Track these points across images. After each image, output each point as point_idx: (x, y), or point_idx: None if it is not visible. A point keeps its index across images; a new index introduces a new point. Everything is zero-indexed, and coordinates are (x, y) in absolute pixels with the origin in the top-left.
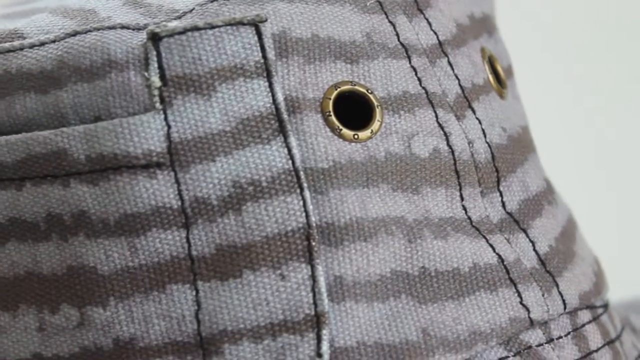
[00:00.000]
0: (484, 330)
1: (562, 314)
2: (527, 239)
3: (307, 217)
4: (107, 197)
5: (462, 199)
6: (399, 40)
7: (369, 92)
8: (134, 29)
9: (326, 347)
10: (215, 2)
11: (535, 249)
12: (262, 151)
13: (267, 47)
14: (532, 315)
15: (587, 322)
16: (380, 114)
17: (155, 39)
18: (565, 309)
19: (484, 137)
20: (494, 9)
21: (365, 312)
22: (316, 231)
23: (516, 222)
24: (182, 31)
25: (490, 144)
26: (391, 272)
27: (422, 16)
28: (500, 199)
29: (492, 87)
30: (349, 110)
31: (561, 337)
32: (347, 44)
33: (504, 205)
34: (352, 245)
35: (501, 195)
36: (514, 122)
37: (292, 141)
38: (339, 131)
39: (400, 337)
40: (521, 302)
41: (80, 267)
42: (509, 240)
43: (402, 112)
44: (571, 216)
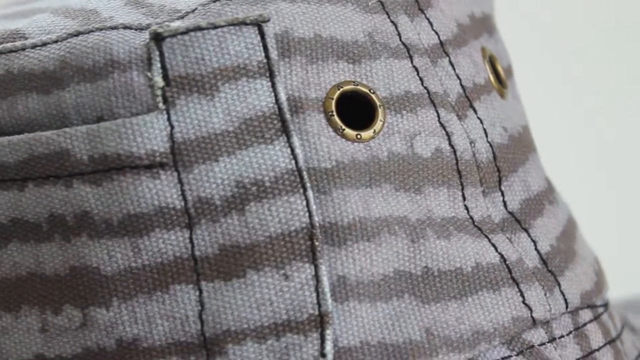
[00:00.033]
0: (487, 329)
1: (563, 313)
2: (529, 239)
3: (311, 217)
4: (110, 198)
5: (464, 199)
6: (401, 40)
7: (372, 92)
8: (136, 29)
9: (330, 347)
10: (217, 2)
11: (537, 249)
12: (265, 151)
13: (269, 47)
14: (534, 314)
15: (588, 321)
16: (382, 114)
17: (158, 39)
18: (567, 308)
19: (486, 136)
20: (493, 9)
21: (368, 312)
22: (319, 231)
23: (518, 221)
24: (185, 31)
25: (491, 144)
26: (394, 272)
27: (423, 16)
28: (501, 198)
29: (493, 87)
30: (351, 110)
31: (563, 336)
32: (350, 43)
33: (505, 204)
34: (355, 245)
35: (503, 194)
36: (515, 121)
37: (295, 141)
38: (341, 131)
39: (403, 336)
40: (524, 302)
41: (83, 267)
42: (510, 239)
43: (404, 112)
44: (571, 216)
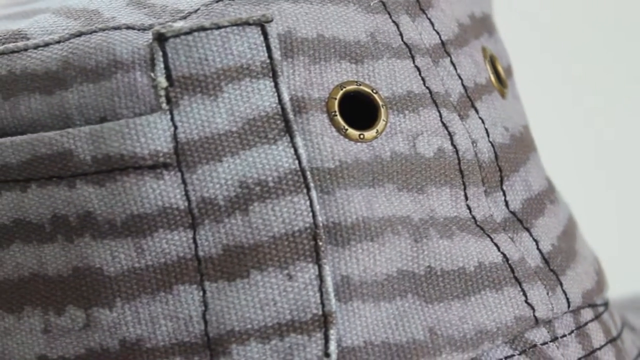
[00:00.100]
0: (490, 329)
1: (565, 313)
2: (531, 238)
3: (314, 217)
4: (114, 198)
5: (466, 199)
6: (403, 40)
7: (374, 91)
8: (139, 30)
9: (334, 347)
10: (220, 2)
11: (538, 248)
12: (269, 151)
13: (273, 47)
14: (537, 313)
15: (589, 321)
16: (385, 114)
17: (161, 39)
18: (569, 307)
19: (487, 136)
20: (492, 9)
21: (372, 312)
22: (323, 231)
23: (519, 221)
24: (189, 31)
25: (493, 144)
26: (398, 272)
27: (425, 16)
28: (503, 198)
29: (494, 87)
30: (354, 110)
31: (565, 336)
32: (352, 43)
33: (507, 204)
34: (358, 245)
35: (504, 194)
36: (516, 121)
37: (299, 141)
38: (344, 131)
39: (407, 336)
40: (526, 301)
41: (86, 268)
42: (512, 239)
43: (406, 112)
44: (571, 215)
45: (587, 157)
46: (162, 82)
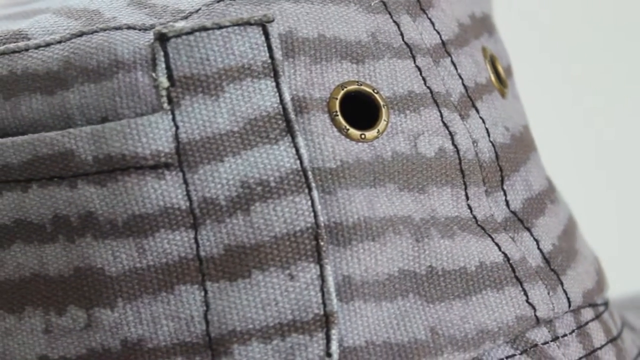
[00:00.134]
0: (491, 328)
1: (566, 312)
2: (532, 238)
3: (316, 217)
4: (115, 198)
5: (467, 198)
6: (404, 40)
7: (375, 91)
8: (140, 30)
9: (335, 347)
10: (221, 2)
11: (539, 248)
12: (270, 151)
13: (274, 47)
14: (538, 313)
15: (590, 320)
16: (386, 114)
17: (162, 39)
18: (569, 307)
19: (488, 136)
20: (491, 9)
21: (373, 312)
22: (324, 231)
23: (520, 220)
24: (190, 31)
25: (494, 143)
26: (399, 272)
27: (425, 16)
28: (504, 197)
29: (494, 87)
30: (355, 110)
31: (566, 335)
32: (353, 43)
33: (508, 204)
34: (360, 244)
35: (505, 194)
36: (516, 121)
37: (300, 141)
38: (346, 131)
39: (408, 336)
40: (527, 301)
41: (87, 268)
42: (513, 239)
43: (407, 112)
44: (571, 215)
45: (587, 157)
46: (164, 82)
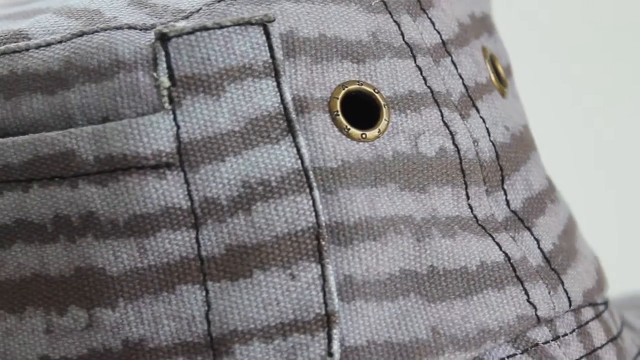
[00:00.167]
0: (492, 328)
1: (567, 312)
2: (532, 238)
3: (317, 216)
4: (117, 198)
5: (468, 198)
6: (404, 39)
7: (376, 91)
8: (141, 30)
9: (337, 347)
10: (222, 2)
11: (540, 247)
12: (272, 151)
13: (275, 47)
14: (539, 313)
15: (590, 320)
16: (387, 114)
17: (164, 39)
18: (570, 306)
19: (489, 136)
20: (491, 9)
21: (375, 312)
22: (326, 231)
23: (521, 220)
24: (191, 31)
25: (494, 143)
26: (400, 271)
27: (426, 16)
28: (504, 197)
29: (494, 86)
30: (356, 110)
31: (567, 335)
32: (354, 43)
33: (508, 203)
34: (361, 244)
35: (506, 194)
36: (516, 121)
37: (301, 141)
38: (347, 131)
39: (410, 336)
40: (528, 300)
41: (88, 268)
42: (514, 238)
43: (408, 112)
44: (571, 214)
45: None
46: (165, 82)
